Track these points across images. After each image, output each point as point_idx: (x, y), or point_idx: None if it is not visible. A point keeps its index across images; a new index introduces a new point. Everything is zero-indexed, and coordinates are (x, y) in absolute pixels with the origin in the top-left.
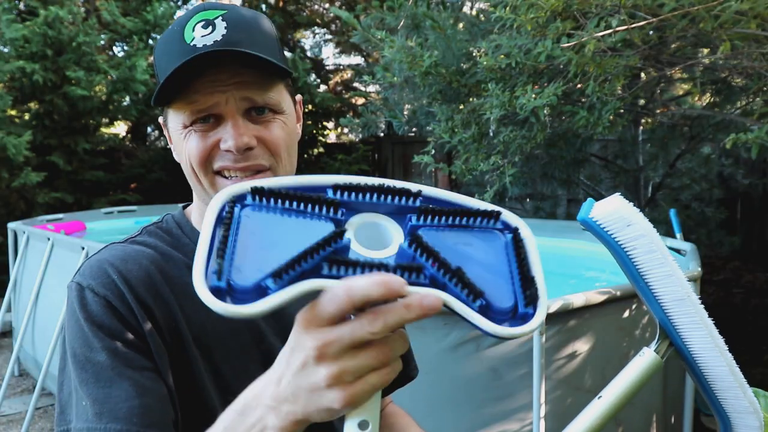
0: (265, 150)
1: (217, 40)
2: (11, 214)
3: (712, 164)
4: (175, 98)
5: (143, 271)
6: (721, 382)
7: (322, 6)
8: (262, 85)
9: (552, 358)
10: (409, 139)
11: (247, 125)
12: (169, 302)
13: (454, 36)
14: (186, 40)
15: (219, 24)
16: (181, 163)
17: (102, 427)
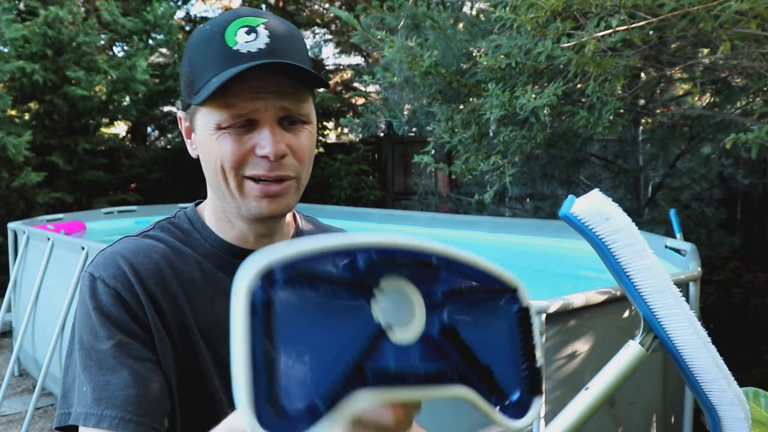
0: (293, 159)
1: (261, 48)
2: (11, 214)
3: (712, 164)
4: (213, 99)
5: (153, 264)
6: (706, 374)
7: (322, 6)
8: (298, 95)
9: (552, 358)
10: (409, 139)
11: (282, 133)
12: (177, 295)
13: (454, 36)
14: (228, 43)
15: (261, 32)
16: (205, 161)
17: (99, 413)
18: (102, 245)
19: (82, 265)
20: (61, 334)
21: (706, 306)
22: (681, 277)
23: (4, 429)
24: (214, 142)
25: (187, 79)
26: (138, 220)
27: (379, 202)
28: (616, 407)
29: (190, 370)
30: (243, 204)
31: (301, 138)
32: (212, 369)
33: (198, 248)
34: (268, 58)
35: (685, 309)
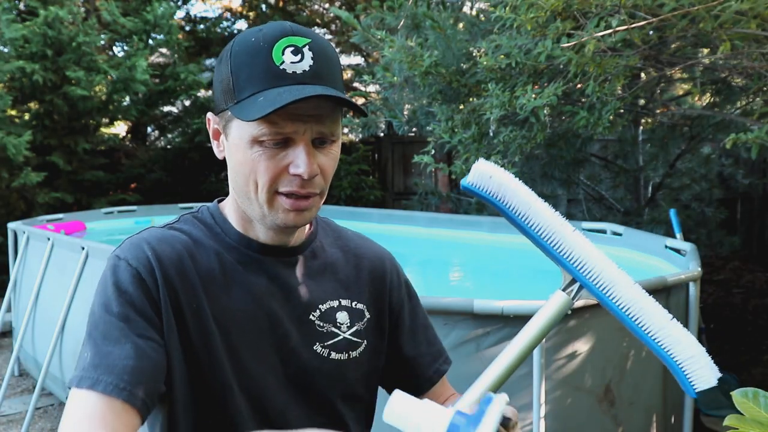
0: (321, 178)
1: (306, 70)
2: (11, 214)
3: (712, 164)
4: (255, 115)
5: (175, 253)
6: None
7: (322, 6)
8: (333, 118)
9: (552, 358)
10: (409, 139)
11: (315, 153)
12: (195, 284)
13: (454, 36)
14: (275, 61)
15: (306, 53)
16: (235, 168)
17: (95, 377)
18: (102, 245)
19: (82, 265)
20: (61, 334)
21: (706, 306)
22: (681, 277)
23: (4, 429)
24: (248, 154)
25: (227, 85)
26: (138, 220)
27: (379, 202)
28: (616, 407)
29: (202, 354)
30: (269, 214)
31: (330, 157)
32: (224, 355)
33: (219, 241)
34: (311, 80)
35: (586, 246)
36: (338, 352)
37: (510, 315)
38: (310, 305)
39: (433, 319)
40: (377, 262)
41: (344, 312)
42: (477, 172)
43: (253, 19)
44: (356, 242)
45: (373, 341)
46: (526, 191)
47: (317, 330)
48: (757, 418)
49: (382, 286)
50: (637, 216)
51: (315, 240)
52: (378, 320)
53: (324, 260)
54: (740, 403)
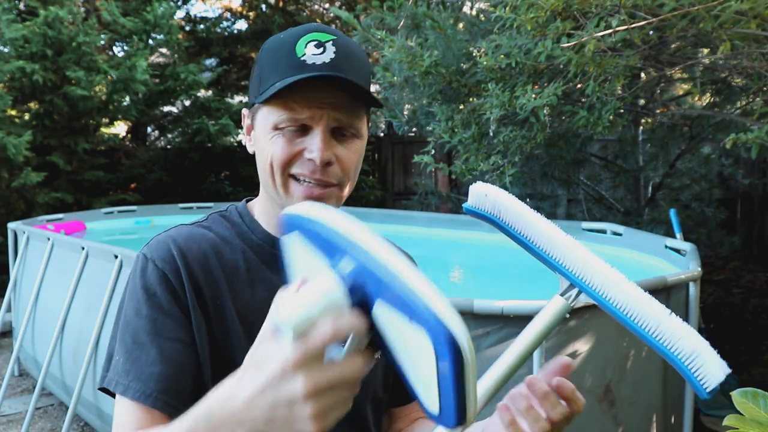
0: (338, 168)
1: (326, 61)
2: (11, 214)
3: (712, 164)
4: (275, 101)
5: (201, 251)
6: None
7: (322, 6)
8: (352, 110)
9: (552, 358)
10: (409, 139)
11: (332, 142)
12: (219, 281)
13: (454, 36)
14: (297, 54)
15: (329, 47)
16: (259, 157)
17: (126, 383)
18: (102, 245)
19: (82, 265)
20: (61, 334)
21: (706, 306)
22: (681, 277)
23: (4, 429)
24: (269, 140)
25: (255, 79)
26: (138, 220)
27: (379, 202)
28: (616, 407)
29: (224, 349)
30: (287, 202)
31: (349, 150)
32: (245, 351)
33: (245, 239)
34: (331, 71)
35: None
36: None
37: (510, 315)
38: None
39: None
40: None
41: None
42: (473, 193)
43: (253, 19)
44: None
45: None
46: (518, 205)
47: None
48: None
49: None
50: (637, 216)
51: None
52: None
53: None
54: (740, 404)
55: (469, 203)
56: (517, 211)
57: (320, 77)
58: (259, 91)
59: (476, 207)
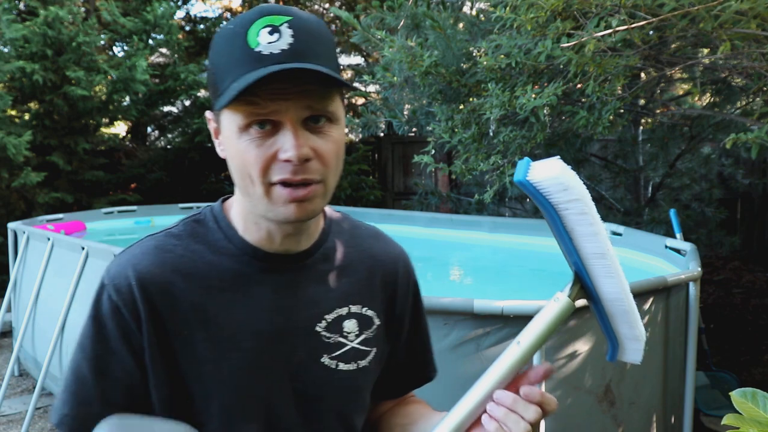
0: (318, 163)
1: (283, 48)
2: (11, 214)
3: (712, 164)
4: (237, 101)
5: (165, 278)
6: (621, 317)
7: (322, 6)
8: (323, 95)
9: (552, 358)
10: (409, 139)
11: (306, 135)
12: (186, 309)
13: (454, 36)
14: (250, 45)
15: (285, 31)
16: (231, 163)
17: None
18: (102, 245)
19: (82, 265)
20: (61, 334)
21: (706, 306)
22: (681, 277)
23: (4, 429)
24: (238, 144)
25: (211, 80)
26: (138, 220)
27: (379, 202)
28: (616, 407)
29: (195, 381)
30: (271, 209)
31: (327, 139)
32: (223, 381)
33: (220, 252)
34: (291, 59)
35: (619, 268)
36: (347, 363)
37: (510, 315)
38: (317, 316)
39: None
40: (391, 266)
41: (353, 320)
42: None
43: None
44: (371, 241)
45: (381, 347)
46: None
47: (324, 341)
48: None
49: (394, 291)
50: (637, 216)
51: (327, 240)
52: (387, 325)
53: (336, 263)
54: (739, 404)
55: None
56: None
57: (282, 72)
58: (217, 92)
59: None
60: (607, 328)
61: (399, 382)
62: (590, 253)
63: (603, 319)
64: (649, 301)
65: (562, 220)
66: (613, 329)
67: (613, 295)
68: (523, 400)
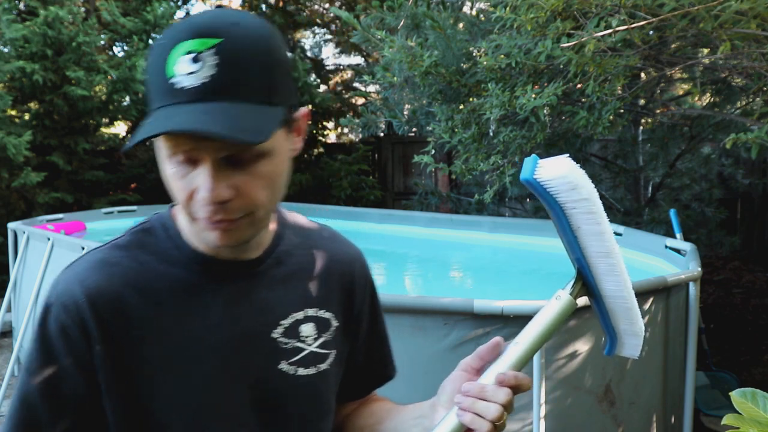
0: (242, 200)
1: (204, 82)
2: (11, 214)
3: (712, 164)
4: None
5: (115, 292)
6: (622, 313)
7: (322, 6)
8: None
9: (552, 358)
10: (409, 139)
11: (226, 174)
12: (139, 324)
13: (454, 36)
14: (167, 74)
15: (208, 60)
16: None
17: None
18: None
19: None
20: None
21: (706, 306)
22: (681, 277)
23: None
24: (166, 168)
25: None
26: (138, 220)
27: (379, 202)
28: (616, 407)
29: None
30: (199, 233)
31: (254, 175)
32: (179, 395)
33: (170, 262)
34: (210, 95)
35: (623, 267)
36: (306, 368)
37: (510, 315)
38: (273, 322)
39: (432, 319)
40: (347, 267)
41: (310, 323)
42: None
43: None
44: (326, 242)
45: (341, 349)
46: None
47: (281, 347)
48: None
49: (351, 291)
50: (637, 216)
51: (281, 243)
52: (346, 326)
53: (290, 267)
54: (739, 404)
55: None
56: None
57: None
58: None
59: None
60: (607, 323)
61: (360, 382)
62: (595, 251)
63: (603, 315)
64: (649, 301)
65: (568, 219)
66: (613, 325)
67: (615, 293)
68: (492, 386)
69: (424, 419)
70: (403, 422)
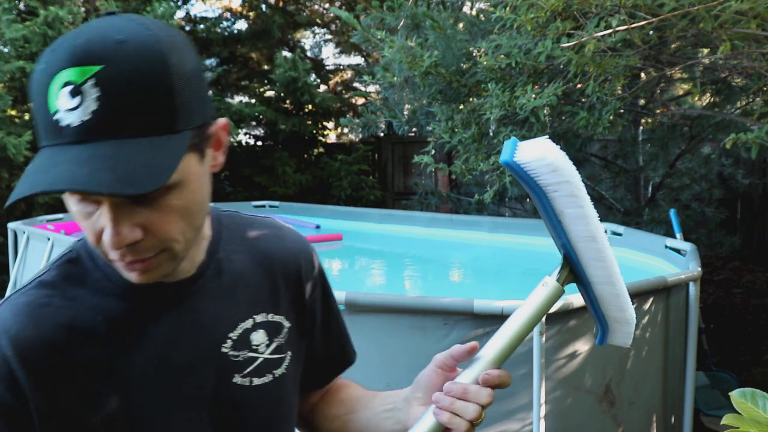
0: (154, 239)
1: (85, 119)
2: (11, 214)
3: (712, 164)
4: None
5: (45, 339)
6: (611, 300)
7: (322, 6)
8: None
9: (552, 358)
10: (409, 139)
11: (130, 213)
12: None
13: (454, 36)
14: (50, 109)
15: (89, 92)
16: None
17: None
18: None
19: None
20: None
21: (706, 306)
22: (681, 277)
23: None
24: (71, 206)
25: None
26: None
27: (379, 202)
28: (616, 407)
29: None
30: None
31: (165, 210)
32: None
33: (103, 294)
34: (93, 134)
35: (609, 252)
36: (260, 377)
37: (510, 315)
38: (221, 337)
39: (432, 319)
40: (291, 263)
41: (260, 331)
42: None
43: (253, 19)
44: (266, 240)
45: (297, 348)
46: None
47: (232, 361)
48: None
49: (299, 288)
50: (637, 216)
51: (218, 251)
52: (299, 324)
53: (231, 274)
54: (739, 404)
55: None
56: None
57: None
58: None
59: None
60: (597, 311)
61: (321, 372)
62: (580, 236)
63: (593, 303)
64: (649, 301)
65: (550, 203)
66: (603, 313)
67: (603, 279)
68: (475, 387)
69: (398, 412)
70: (376, 414)
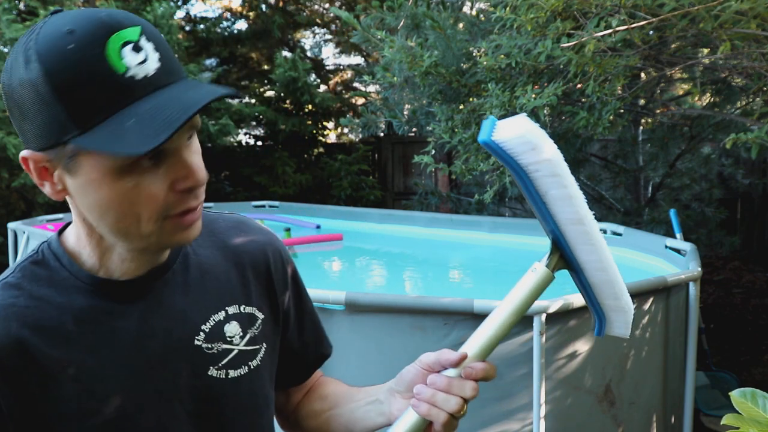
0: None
1: (157, 68)
2: (11, 214)
3: (712, 164)
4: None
5: (14, 337)
6: (604, 287)
7: (322, 6)
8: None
9: (552, 358)
10: (409, 139)
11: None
12: (46, 365)
13: (454, 36)
14: (117, 70)
15: (146, 46)
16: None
17: None
18: None
19: None
20: None
21: (706, 306)
22: (681, 277)
23: None
24: (119, 187)
25: (54, 113)
26: None
27: (379, 202)
28: (616, 407)
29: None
30: (157, 241)
31: (198, 152)
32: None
33: (70, 293)
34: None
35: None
36: (236, 369)
37: None
38: (193, 329)
39: (432, 319)
40: (258, 254)
41: (233, 322)
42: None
43: (253, 19)
44: (233, 235)
45: (271, 339)
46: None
47: (206, 353)
48: (756, 418)
49: (269, 280)
50: (637, 216)
51: (185, 246)
52: (272, 317)
53: (199, 268)
54: (739, 404)
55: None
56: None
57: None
58: (75, 128)
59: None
60: (592, 300)
61: (298, 366)
62: (566, 218)
63: (587, 291)
64: (649, 301)
65: (533, 183)
66: (598, 301)
67: (594, 264)
68: (459, 380)
69: (381, 404)
70: (359, 408)
